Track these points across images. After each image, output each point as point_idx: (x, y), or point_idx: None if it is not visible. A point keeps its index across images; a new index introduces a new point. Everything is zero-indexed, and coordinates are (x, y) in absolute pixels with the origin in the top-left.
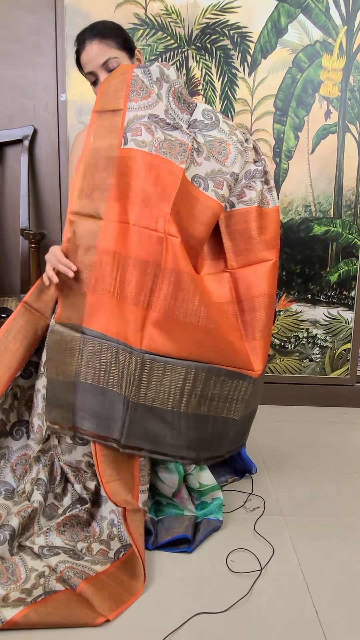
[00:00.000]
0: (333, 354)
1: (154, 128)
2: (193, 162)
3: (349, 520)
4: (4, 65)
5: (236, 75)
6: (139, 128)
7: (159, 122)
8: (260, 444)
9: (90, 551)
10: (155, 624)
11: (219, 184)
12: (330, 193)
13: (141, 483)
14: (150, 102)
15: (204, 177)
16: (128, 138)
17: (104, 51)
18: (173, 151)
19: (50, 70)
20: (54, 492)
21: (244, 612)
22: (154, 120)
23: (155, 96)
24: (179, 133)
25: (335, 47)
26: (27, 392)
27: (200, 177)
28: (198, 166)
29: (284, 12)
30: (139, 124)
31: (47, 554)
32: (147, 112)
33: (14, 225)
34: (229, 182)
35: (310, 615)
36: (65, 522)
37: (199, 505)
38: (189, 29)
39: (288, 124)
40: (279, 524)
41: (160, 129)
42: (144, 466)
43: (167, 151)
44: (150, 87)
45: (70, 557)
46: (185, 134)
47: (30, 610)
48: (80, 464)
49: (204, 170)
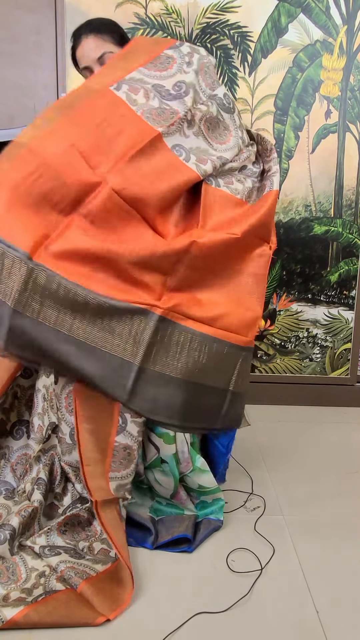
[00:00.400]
0: (333, 354)
1: (152, 96)
2: (179, 132)
3: (349, 519)
4: (4, 64)
5: (236, 74)
6: (138, 89)
7: (162, 91)
8: (261, 444)
9: (91, 550)
10: (155, 624)
11: (203, 161)
12: (330, 193)
13: (112, 469)
14: (163, 75)
15: (187, 149)
16: (122, 88)
17: (99, 45)
18: (159, 117)
19: (50, 70)
20: (54, 492)
21: (244, 611)
22: (157, 89)
23: (172, 70)
24: (178, 103)
25: (335, 46)
26: (28, 392)
27: (183, 148)
28: (184, 137)
29: (284, 11)
30: (139, 85)
31: (48, 553)
32: (154, 81)
33: None
34: (215, 163)
35: (310, 615)
36: (66, 521)
37: (199, 504)
38: (189, 28)
39: (288, 124)
40: (279, 523)
41: (158, 98)
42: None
43: (151, 117)
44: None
45: (72, 556)
46: (184, 105)
47: (30, 610)
48: (80, 464)
49: (188, 144)
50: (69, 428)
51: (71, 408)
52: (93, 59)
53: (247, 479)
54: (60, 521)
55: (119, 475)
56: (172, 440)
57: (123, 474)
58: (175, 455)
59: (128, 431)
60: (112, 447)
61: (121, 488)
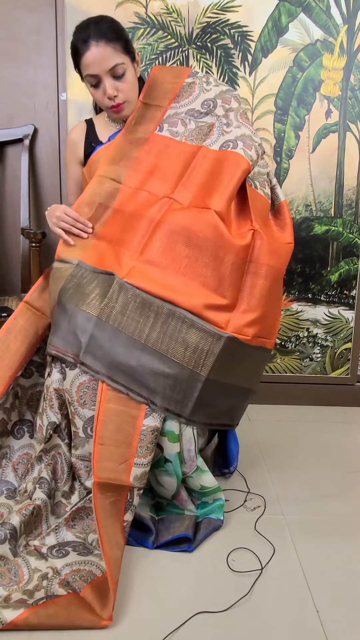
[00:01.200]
0: (333, 354)
1: (187, 121)
2: (222, 134)
3: (349, 519)
4: (4, 64)
5: (237, 74)
6: (176, 122)
7: (194, 113)
8: (261, 443)
9: (100, 544)
10: (155, 623)
11: (248, 146)
12: (330, 192)
13: (138, 455)
14: (190, 100)
15: (234, 139)
16: (164, 127)
17: (112, 56)
18: (200, 134)
19: (50, 70)
20: (60, 491)
21: (244, 611)
22: (189, 114)
23: (196, 94)
24: (210, 117)
25: (336, 46)
26: (28, 392)
27: (230, 140)
28: (228, 134)
29: (284, 11)
30: (176, 118)
31: (55, 554)
32: (186, 108)
33: (15, 224)
34: (257, 149)
35: (310, 614)
36: (73, 515)
37: (200, 505)
38: (190, 28)
39: (289, 123)
40: (280, 523)
41: (193, 120)
42: (144, 436)
43: (194, 137)
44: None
45: (80, 553)
46: (215, 116)
47: (30, 613)
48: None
49: (233, 135)
50: (82, 421)
51: (83, 401)
52: (104, 70)
53: (248, 479)
54: (67, 516)
55: (144, 462)
56: (176, 439)
57: (146, 460)
58: (180, 454)
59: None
60: (139, 431)
61: (143, 477)
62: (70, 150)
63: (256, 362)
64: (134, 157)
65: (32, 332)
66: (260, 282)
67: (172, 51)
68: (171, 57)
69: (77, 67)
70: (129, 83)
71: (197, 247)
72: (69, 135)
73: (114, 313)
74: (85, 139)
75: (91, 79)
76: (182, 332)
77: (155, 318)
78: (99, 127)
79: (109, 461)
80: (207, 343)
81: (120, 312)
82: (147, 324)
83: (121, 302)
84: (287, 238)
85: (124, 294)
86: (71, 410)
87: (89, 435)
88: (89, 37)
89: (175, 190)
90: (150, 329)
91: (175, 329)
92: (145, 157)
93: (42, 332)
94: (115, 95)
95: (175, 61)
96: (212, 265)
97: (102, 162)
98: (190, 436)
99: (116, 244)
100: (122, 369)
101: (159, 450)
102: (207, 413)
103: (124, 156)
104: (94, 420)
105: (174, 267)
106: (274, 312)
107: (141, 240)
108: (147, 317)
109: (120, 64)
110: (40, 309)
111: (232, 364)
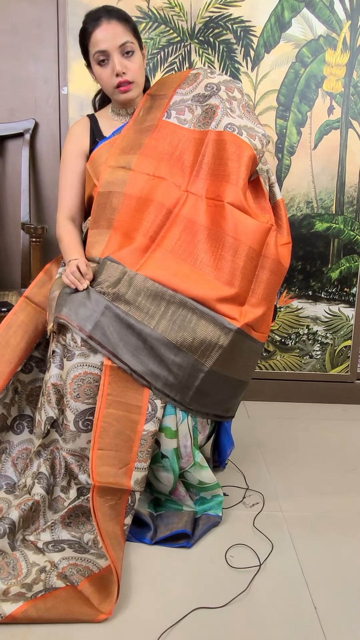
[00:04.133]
0: (333, 351)
1: (194, 107)
2: (226, 114)
3: (347, 516)
4: (5, 57)
5: (239, 69)
6: (183, 109)
7: (199, 98)
8: (260, 440)
9: (96, 544)
10: (154, 619)
11: (252, 136)
12: (332, 189)
13: (138, 459)
14: (195, 86)
15: (238, 126)
16: (172, 114)
17: (122, 33)
18: (206, 118)
19: (52, 63)
20: (59, 486)
21: (242, 607)
22: (195, 99)
23: (200, 80)
24: (214, 98)
25: (339, 42)
26: (28, 387)
27: (235, 125)
28: (232, 117)
29: (287, 6)
30: (183, 105)
31: (51, 549)
32: (192, 94)
33: (15, 219)
34: (262, 140)
35: (308, 610)
36: (69, 513)
37: (198, 500)
38: (192, 22)
39: (291, 120)
40: (278, 519)
41: (199, 105)
42: (144, 440)
43: (202, 123)
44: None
45: (75, 551)
46: (219, 98)
47: (29, 607)
48: (84, 452)
49: (238, 122)
50: (73, 415)
51: (77, 394)
52: (115, 45)
53: (247, 476)
54: (63, 514)
55: (144, 466)
56: (174, 434)
57: (146, 464)
58: (177, 450)
59: (158, 418)
60: (140, 436)
61: (143, 480)
62: (74, 143)
63: (255, 356)
64: (144, 144)
65: (32, 327)
66: (270, 277)
67: (174, 46)
68: (173, 51)
69: (84, 50)
70: (137, 64)
71: (215, 241)
72: (72, 128)
73: (126, 298)
74: (90, 133)
75: (100, 55)
76: (191, 322)
77: (167, 307)
78: (102, 123)
79: (108, 466)
80: (215, 335)
81: (132, 299)
82: (158, 312)
83: (133, 290)
84: (285, 239)
85: (136, 283)
86: (63, 402)
87: (80, 429)
88: (100, 16)
89: (190, 181)
90: (160, 316)
91: (185, 318)
92: (155, 144)
93: (42, 327)
94: (124, 72)
95: (178, 56)
96: (228, 258)
97: (112, 154)
98: (186, 432)
99: (129, 229)
100: (129, 349)
101: (156, 446)
102: (204, 402)
103: (134, 145)
104: (85, 414)
105: (190, 260)
106: (272, 308)
107: (158, 229)
108: (157, 306)
109: (130, 42)
110: (40, 304)
111: (234, 356)
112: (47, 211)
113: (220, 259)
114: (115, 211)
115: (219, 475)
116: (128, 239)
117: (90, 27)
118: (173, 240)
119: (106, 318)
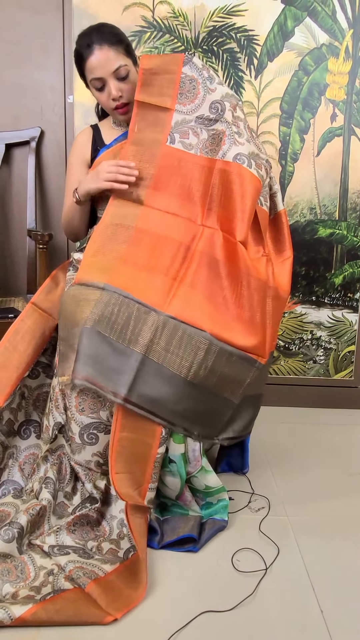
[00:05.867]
0: (337, 356)
1: (199, 130)
2: (234, 143)
3: (352, 520)
4: (11, 66)
5: (242, 78)
6: (187, 132)
7: (204, 121)
8: (265, 445)
9: (100, 550)
10: (161, 623)
11: (259, 165)
12: (335, 195)
13: (152, 480)
14: (197, 104)
15: (247, 155)
16: (176, 139)
17: (114, 58)
18: (213, 145)
19: (57, 72)
20: (63, 491)
21: (249, 611)
22: (199, 122)
23: (201, 96)
24: (220, 124)
25: (341, 50)
26: (35, 392)
27: (244, 155)
28: (240, 145)
29: (290, 15)
30: (187, 127)
31: (57, 552)
32: (194, 115)
33: (21, 226)
34: (266, 167)
35: (315, 614)
36: (75, 521)
37: (204, 505)
38: (196, 31)
39: (294, 127)
40: (284, 524)
41: (204, 129)
42: (157, 463)
43: (209, 149)
44: (196, 88)
45: (80, 556)
46: (225, 122)
47: (39, 608)
48: (89, 464)
49: (246, 150)
50: (78, 427)
51: (82, 407)
52: (109, 71)
53: (252, 480)
54: (69, 520)
55: (155, 486)
56: (182, 440)
57: (156, 485)
58: (184, 455)
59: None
60: (153, 459)
61: (154, 499)
62: (77, 152)
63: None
64: (152, 175)
65: (39, 333)
66: (276, 304)
67: None
68: None
69: (82, 74)
70: (132, 83)
71: (233, 278)
72: (77, 137)
73: (158, 349)
74: (92, 142)
75: (96, 82)
76: (222, 366)
77: (197, 353)
78: (104, 132)
79: (127, 487)
80: (242, 373)
81: (164, 348)
82: (188, 358)
83: (165, 338)
84: (286, 254)
85: (168, 328)
86: (68, 415)
87: (85, 442)
88: (92, 42)
89: (204, 215)
90: (190, 362)
91: (216, 362)
92: (163, 175)
93: (49, 333)
94: (120, 96)
95: None
96: (246, 295)
97: None
98: None
99: (145, 267)
100: (162, 403)
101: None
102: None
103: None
104: (90, 428)
105: (213, 299)
106: None
107: (179, 267)
108: (189, 352)
109: (124, 66)
110: (47, 310)
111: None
112: (53, 218)
113: (241, 297)
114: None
115: (225, 479)
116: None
117: (84, 53)
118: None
119: (140, 378)
